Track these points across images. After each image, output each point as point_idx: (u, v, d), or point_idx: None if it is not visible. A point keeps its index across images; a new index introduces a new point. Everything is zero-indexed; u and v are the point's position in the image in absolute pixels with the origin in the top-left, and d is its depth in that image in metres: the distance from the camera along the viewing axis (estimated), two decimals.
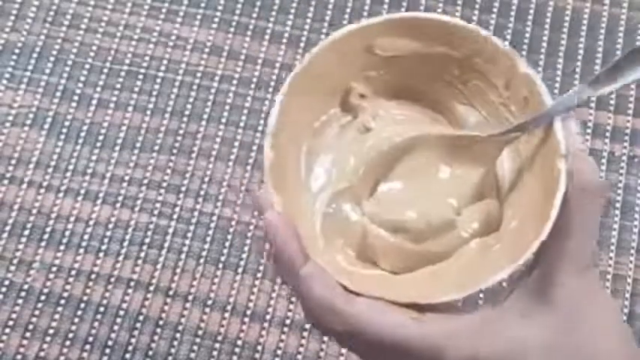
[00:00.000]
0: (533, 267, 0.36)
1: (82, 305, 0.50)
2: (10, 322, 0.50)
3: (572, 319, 0.35)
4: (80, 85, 0.55)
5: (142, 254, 0.51)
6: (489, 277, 0.35)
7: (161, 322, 0.50)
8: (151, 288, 0.51)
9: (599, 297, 0.36)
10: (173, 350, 0.49)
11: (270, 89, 0.55)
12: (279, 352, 0.49)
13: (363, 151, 0.40)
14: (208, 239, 0.52)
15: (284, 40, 0.57)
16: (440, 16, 0.40)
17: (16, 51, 0.56)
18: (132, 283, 0.51)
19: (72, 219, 0.52)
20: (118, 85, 0.55)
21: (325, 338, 0.50)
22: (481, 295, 0.44)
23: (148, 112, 0.55)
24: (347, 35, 0.39)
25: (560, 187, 0.35)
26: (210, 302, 0.50)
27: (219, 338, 0.50)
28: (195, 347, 0.50)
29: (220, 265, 0.51)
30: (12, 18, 0.57)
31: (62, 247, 0.52)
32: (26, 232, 0.52)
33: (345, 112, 0.41)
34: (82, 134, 0.54)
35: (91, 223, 0.52)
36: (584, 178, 0.35)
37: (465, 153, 0.40)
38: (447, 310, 0.35)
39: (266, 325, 0.50)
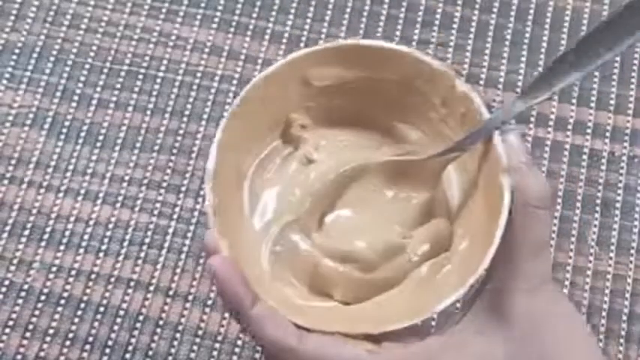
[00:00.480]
0: (486, 284, 0.35)
1: (82, 305, 0.50)
2: (10, 322, 0.50)
3: (533, 332, 0.34)
4: (80, 85, 0.55)
5: (142, 254, 0.51)
6: (440, 300, 0.35)
7: (161, 322, 0.50)
8: (151, 288, 0.51)
9: (559, 309, 0.35)
10: (173, 350, 0.49)
11: None
12: None
13: (308, 183, 0.39)
14: None
15: (284, 40, 0.57)
16: (373, 41, 0.40)
17: (16, 51, 0.56)
18: (132, 283, 0.51)
19: (72, 219, 0.52)
20: (118, 85, 0.55)
21: None
22: (434, 317, 0.44)
23: (148, 112, 0.55)
24: (279, 69, 0.39)
25: (504, 205, 0.35)
26: (210, 302, 0.50)
27: (219, 338, 0.50)
28: (195, 347, 0.50)
29: None
30: (12, 18, 0.57)
31: (62, 247, 0.52)
32: (26, 232, 0.52)
33: (287, 144, 0.41)
34: (82, 134, 0.54)
35: (91, 223, 0.52)
36: (527, 192, 0.35)
37: (408, 176, 0.40)
38: (404, 336, 0.35)
39: None
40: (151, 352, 0.49)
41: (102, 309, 0.50)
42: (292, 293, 0.38)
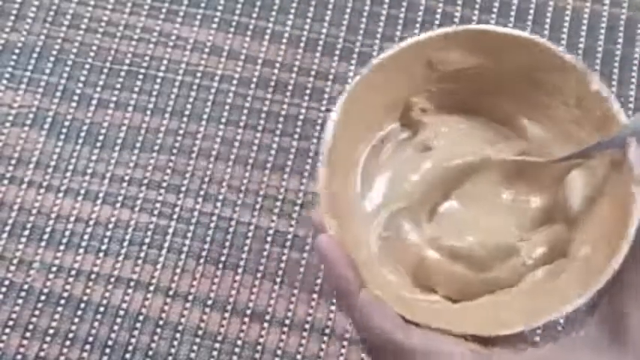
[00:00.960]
0: (603, 297, 0.33)
1: (82, 305, 0.50)
2: (10, 322, 0.50)
3: None
4: (80, 85, 0.55)
5: (142, 254, 0.51)
6: (557, 307, 0.33)
7: (161, 322, 0.50)
8: (151, 288, 0.51)
9: None
10: (173, 350, 0.49)
11: (270, 89, 0.55)
12: (279, 352, 0.49)
13: (423, 171, 0.38)
14: (208, 239, 0.52)
15: (284, 40, 0.57)
16: (504, 29, 0.37)
17: (16, 51, 0.56)
18: (132, 283, 0.51)
19: (72, 219, 0.52)
20: (118, 85, 0.55)
21: (325, 338, 0.50)
22: (558, 327, 0.42)
23: (148, 112, 0.55)
24: (405, 49, 0.37)
25: (634, 216, 0.33)
26: (210, 302, 0.50)
27: (219, 338, 0.50)
28: (195, 347, 0.50)
29: (220, 265, 0.51)
30: (12, 18, 0.57)
31: (62, 247, 0.52)
32: (26, 232, 0.52)
33: (404, 128, 0.39)
34: (82, 134, 0.54)
35: (91, 223, 0.52)
36: None
37: (529, 177, 0.38)
38: (512, 341, 0.33)
39: (266, 325, 0.50)
40: (150, 352, 0.49)
41: (102, 309, 0.50)
42: (396, 282, 0.37)
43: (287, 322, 0.50)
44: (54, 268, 0.51)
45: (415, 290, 0.37)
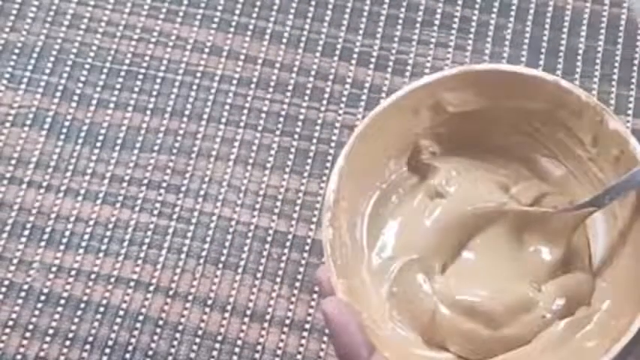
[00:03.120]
0: (630, 352, 0.31)
1: (82, 305, 0.50)
2: (10, 322, 0.50)
3: None
4: (80, 85, 0.55)
5: (142, 254, 0.51)
6: None
7: (161, 322, 0.50)
8: (151, 288, 0.51)
9: None
10: (173, 350, 0.49)
11: (270, 89, 0.55)
12: (279, 352, 0.49)
13: (435, 220, 0.36)
14: (208, 239, 0.52)
15: (284, 40, 0.57)
16: (515, 67, 0.36)
17: (16, 51, 0.56)
18: (132, 283, 0.51)
19: (72, 219, 0.52)
20: (118, 85, 0.55)
21: (325, 338, 0.50)
22: None
23: (148, 112, 0.55)
24: (413, 91, 0.36)
25: None
26: (210, 302, 0.50)
27: (219, 338, 0.50)
28: (195, 347, 0.50)
29: (220, 265, 0.51)
30: (12, 18, 0.57)
31: (62, 247, 0.52)
32: (26, 232, 0.52)
33: (413, 173, 0.38)
34: (82, 134, 0.54)
35: (91, 223, 0.52)
36: None
37: (545, 225, 0.36)
38: None
39: (266, 325, 0.50)
40: (150, 352, 0.49)
41: (102, 309, 0.50)
42: (407, 339, 0.35)
43: (287, 322, 0.50)
44: (54, 268, 0.51)
45: (427, 348, 0.35)
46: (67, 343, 0.49)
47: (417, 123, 0.37)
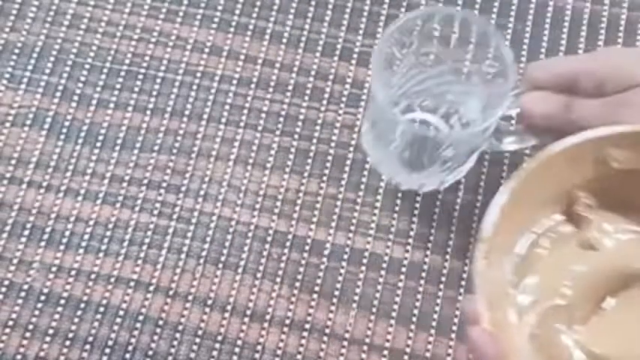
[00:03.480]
0: None
1: (82, 305, 0.50)
2: (10, 322, 0.50)
3: None
4: (80, 85, 0.55)
5: (142, 254, 0.51)
6: None
7: (161, 322, 0.50)
8: (151, 288, 0.51)
9: None
10: (173, 350, 0.49)
11: (270, 89, 0.56)
12: (279, 352, 0.49)
13: (584, 271, 0.36)
14: (208, 239, 0.52)
15: (284, 40, 0.57)
16: None
17: (16, 51, 0.56)
18: (132, 283, 0.51)
19: (72, 219, 0.52)
20: (118, 85, 0.56)
21: (325, 338, 0.50)
22: None
23: (148, 112, 0.55)
24: (578, 144, 0.36)
25: None
26: (210, 302, 0.50)
27: (219, 338, 0.50)
28: (195, 347, 0.50)
29: (220, 265, 0.51)
30: (12, 18, 0.57)
31: (62, 247, 0.52)
32: (26, 232, 0.52)
33: (567, 222, 0.38)
34: (82, 134, 0.54)
35: (91, 223, 0.52)
36: None
37: None
38: None
39: (266, 325, 0.50)
40: (150, 352, 0.49)
41: (102, 309, 0.50)
42: None
43: (287, 322, 0.50)
44: (54, 268, 0.51)
45: None
46: (67, 343, 0.49)
47: (578, 174, 0.37)
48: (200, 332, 0.50)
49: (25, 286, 0.51)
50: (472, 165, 0.51)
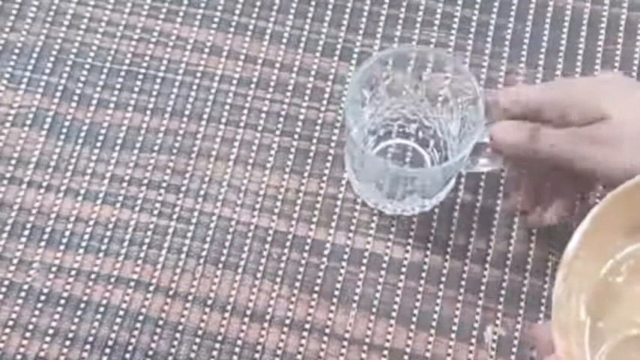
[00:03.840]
0: None
1: (82, 305, 0.50)
2: (10, 322, 0.50)
3: None
4: (80, 85, 0.55)
5: (142, 254, 0.51)
6: None
7: (161, 322, 0.50)
8: (151, 288, 0.51)
9: None
10: (173, 350, 0.49)
11: (270, 89, 0.55)
12: (279, 352, 0.49)
13: None
14: (208, 239, 0.52)
15: (284, 40, 0.57)
16: None
17: (16, 51, 0.56)
18: (132, 283, 0.51)
19: (72, 219, 0.52)
20: (118, 85, 0.55)
21: (325, 338, 0.50)
22: None
23: (148, 112, 0.55)
24: None
25: None
26: (210, 302, 0.50)
27: (219, 338, 0.50)
28: (195, 347, 0.50)
29: (220, 265, 0.51)
30: (12, 18, 0.57)
31: (62, 247, 0.52)
32: (26, 232, 0.52)
33: None
34: (82, 134, 0.54)
35: (91, 223, 0.52)
36: None
37: None
38: None
39: (266, 325, 0.50)
40: (150, 352, 0.49)
41: (102, 309, 0.50)
42: None
43: (287, 322, 0.50)
44: (54, 268, 0.51)
45: None
46: (67, 343, 0.49)
47: None
48: (200, 332, 0.50)
49: (25, 286, 0.51)
50: (451, 187, 0.51)
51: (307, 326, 0.50)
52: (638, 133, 0.42)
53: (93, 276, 0.51)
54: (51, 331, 0.50)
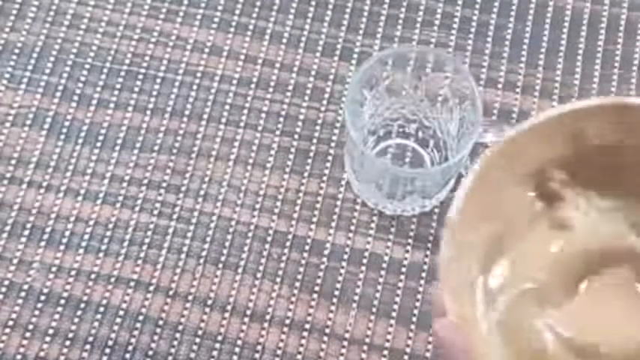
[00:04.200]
0: None
1: (82, 305, 0.50)
2: (10, 322, 0.50)
3: None
4: (80, 85, 0.55)
5: (142, 254, 0.51)
6: None
7: (161, 322, 0.50)
8: (151, 288, 0.51)
9: None
10: (173, 350, 0.49)
11: (270, 89, 0.56)
12: (279, 352, 0.49)
13: (557, 252, 0.34)
14: (208, 239, 0.52)
15: (284, 40, 0.57)
16: None
17: (16, 51, 0.56)
18: (132, 283, 0.51)
19: (72, 219, 0.52)
20: (118, 85, 0.56)
21: (325, 338, 0.50)
22: None
23: (148, 112, 0.55)
24: (555, 118, 0.34)
25: None
26: (210, 302, 0.50)
27: (219, 338, 0.50)
28: (195, 347, 0.50)
29: (220, 265, 0.51)
30: (12, 18, 0.57)
31: (62, 247, 0.52)
32: (26, 232, 0.52)
33: (539, 200, 0.36)
34: (82, 134, 0.54)
35: (91, 223, 0.52)
36: None
37: None
38: None
39: (266, 325, 0.50)
40: (150, 352, 0.49)
41: (102, 309, 0.50)
42: None
43: (287, 322, 0.50)
44: (54, 268, 0.51)
45: None
46: (67, 343, 0.49)
47: (552, 150, 0.35)
48: (200, 332, 0.50)
49: (25, 286, 0.51)
50: (451, 187, 0.52)
51: (307, 326, 0.50)
52: None
53: (93, 276, 0.51)
54: (51, 331, 0.50)
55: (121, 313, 0.50)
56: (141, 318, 0.50)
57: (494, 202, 0.35)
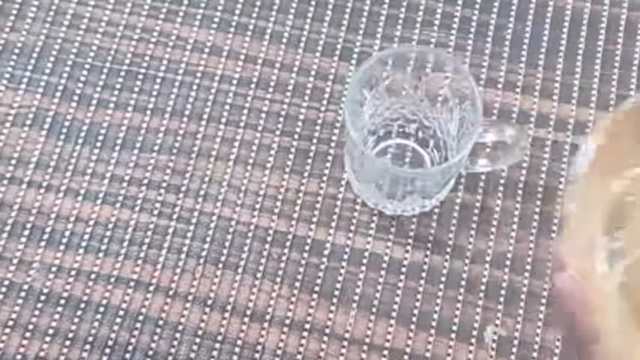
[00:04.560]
0: None
1: (82, 305, 0.50)
2: (10, 322, 0.50)
3: None
4: (80, 85, 0.55)
5: (142, 254, 0.51)
6: None
7: (161, 322, 0.50)
8: (151, 288, 0.51)
9: None
10: (173, 350, 0.49)
11: (270, 89, 0.56)
12: (279, 352, 0.49)
13: None
14: (208, 239, 0.52)
15: (284, 40, 0.57)
16: None
17: (16, 51, 0.56)
18: (132, 283, 0.51)
19: (72, 219, 0.52)
20: (118, 85, 0.56)
21: (325, 338, 0.50)
22: None
23: (148, 112, 0.55)
24: None
25: None
26: (210, 302, 0.50)
27: (219, 338, 0.50)
28: (195, 347, 0.50)
29: (220, 265, 0.51)
30: (12, 18, 0.57)
31: (62, 247, 0.52)
32: (26, 232, 0.52)
33: None
34: (82, 134, 0.54)
35: (91, 223, 0.52)
36: None
37: None
38: None
39: (266, 325, 0.50)
40: (150, 352, 0.49)
41: (102, 309, 0.50)
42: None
43: (287, 322, 0.50)
44: (54, 268, 0.51)
45: None
46: (67, 343, 0.49)
47: None
48: (200, 332, 0.50)
49: (25, 286, 0.51)
50: (451, 187, 0.52)
51: (307, 326, 0.50)
52: None
53: (93, 276, 0.51)
54: (51, 331, 0.50)
55: (121, 313, 0.50)
56: (141, 318, 0.50)
57: (620, 164, 0.34)
